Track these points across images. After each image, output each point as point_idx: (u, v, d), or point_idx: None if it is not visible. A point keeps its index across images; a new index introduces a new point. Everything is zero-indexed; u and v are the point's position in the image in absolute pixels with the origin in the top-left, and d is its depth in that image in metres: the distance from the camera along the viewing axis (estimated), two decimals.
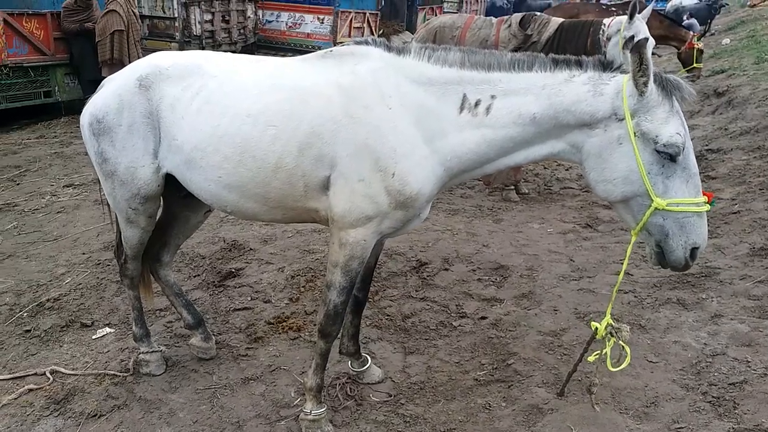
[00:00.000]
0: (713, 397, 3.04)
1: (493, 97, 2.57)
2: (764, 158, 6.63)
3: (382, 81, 2.64)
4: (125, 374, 3.57)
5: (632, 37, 2.72)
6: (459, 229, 5.79)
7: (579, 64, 2.53)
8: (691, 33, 8.52)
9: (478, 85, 2.59)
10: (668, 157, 2.35)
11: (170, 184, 3.10)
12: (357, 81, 2.66)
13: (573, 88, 2.48)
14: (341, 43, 14.26)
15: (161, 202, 3.30)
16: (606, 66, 2.50)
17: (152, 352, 3.60)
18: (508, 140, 2.59)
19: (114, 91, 2.98)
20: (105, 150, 3.00)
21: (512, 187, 7.09)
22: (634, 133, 2.38)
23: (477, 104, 2.58)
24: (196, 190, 2.95)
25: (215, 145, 2.75)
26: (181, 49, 12.07)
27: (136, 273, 3.50)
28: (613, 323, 2.73)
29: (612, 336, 2.71)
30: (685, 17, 18.11)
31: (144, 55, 9.87)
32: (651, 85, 2.34)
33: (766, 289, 3.96)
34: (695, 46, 8.39)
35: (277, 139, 2.67)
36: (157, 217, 3.36)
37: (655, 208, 2.38)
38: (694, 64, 8.52)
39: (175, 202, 3.42)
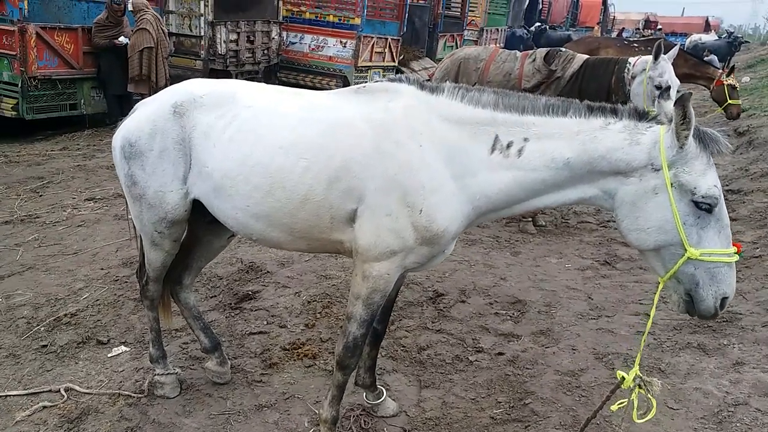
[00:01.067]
0: None
1: (525, 139, 2.58)
2: None
3: (414, 118, 2.67)
4: (140, 395, 3.56)
5: (673, 90, 2.74)
6: (476, 261, 5.78)
7: (614, 112, 2.54)
8: (719, 70, 8.45)
9: (511, 127, 2.61)
10: (706, 208, 2.35)
11: (196, 209, 3.12)
12: (389, 117, 2.69)
13: (608, 135, 2.49)
14: (363, 67, 14.49)
15: (186, 227, 3.33)
16: (641, 116, 2.51)
17: (167, 374, 3.60)
18: (539, 183, 2.60)
19: (148, 116, 3.03)
20: (135, 173, 3.04)
21: (529, 219, 7.07)
22: (671, 184, 2.38)
23: (509, 146, 2.59)
24: (222, 217, 2.98)
25: (246, 174, 2.78)
26: (205, 66, 12.27)
27: (157, 295, 3.51)
28: (642, 375, 2.70)
29: (640, 388, 2.67)
30: (704, 54, 18.15)
31: (170, 72, 10.10)
32: (690, 137, 2.35)
33: None
34: (724, 82, 8.30)
35: (307, 171, 2.70)
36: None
37: (688, 258, 2.38)
38: (729, 101, 8.37)
39: (199, 227, 3.44)
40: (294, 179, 2.71)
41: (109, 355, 4.06)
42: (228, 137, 2.84)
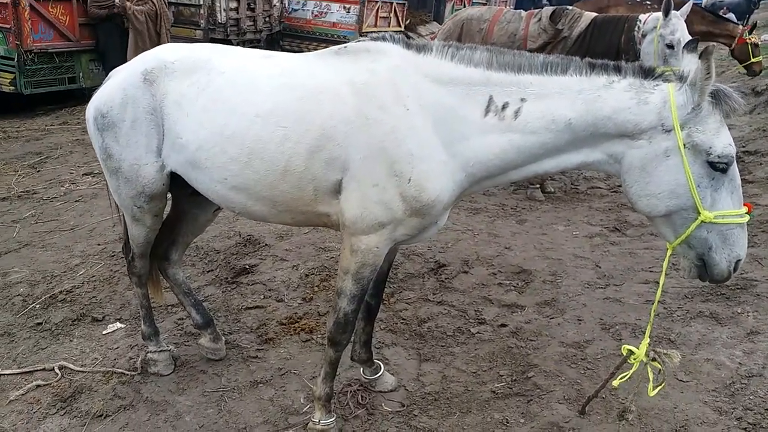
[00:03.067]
0: (749, 423, 2.83)
1: (522, 100, 2.40)
2: None
3: (399, 80, 2.49)
4: (133, 373, 3.51)
5: (696, 41, 2.56)
6: (480, 230, 5.62)
7: (618, 70, 2.35)
8: (740, 27, 8.05)
9: (506, 87, 2.42)
10: (722, 168, 2.20)
11: (177, 182, 2.99)
12: (373, 79, 2.51)
13: (613, 94, 2.31)
14: (367, 33, 14.17)
15: (168, 200, 3.20)
16: (647, 73, 2.32)
17: (161, 351, 3.53)
18: (538, 146, 2.42)
19: (119, 84, 2.87)
20: (109, 146, 2.90)
21: (537, 185, 6.87)
22: (684, 145, 2.20)
23: (505, 107, 2.41)
24: (202, 190, 2.84)
25: (222, 145, 2.62)
26: (205, 36, 12.02)
27: (144, 271, 3.41)
28: (658, 349, 2.57)
29: (655, 361, 2.53)
30: (721, 12, 17.51)
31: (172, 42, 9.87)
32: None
33: None
34: (748, 40, 7.93)
35: (286, 141, 2.54)
36: (165, 216, 3.26)
37: (702, 221, 2.23)
38: (752, 59, 8.03)
39: (183, 200, 3.32)
40: (272, 149, 2.55)
41: (104, 332, 3.99)
42: (202, 106, 2.68)
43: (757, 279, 4.16)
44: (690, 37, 5.78)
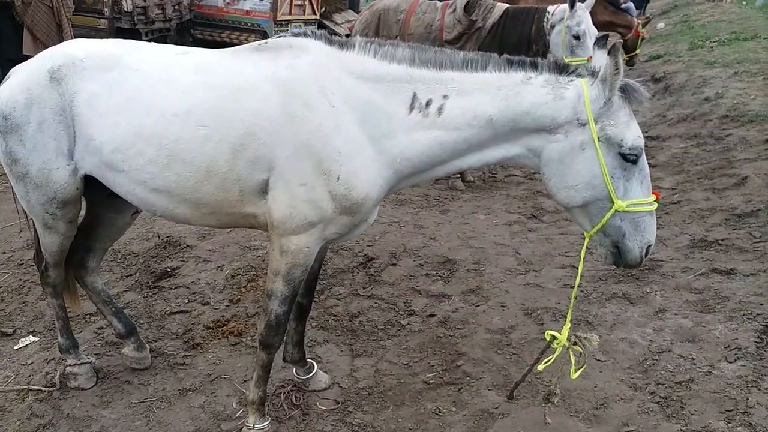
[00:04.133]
0: (661, 397, 3.05)
1: (445, 96, 2.44)
2: (701, 146, 6.80)
3: (323, 76, 2.47)
4: (51, 389, 3.33)
5: (605, 36, 2.69)
6: (406, 221, 5.69)
7: (534, 66, 2.44)
8: (636, 20, 8.56)
9: (429, 84, 2.46)
10: (632, 159, 2.33)
11: (92, 184, 2.83)
12: (296, 76, 2.47)
13: (531, 90, 2.40)
14: (282, 21, 13.87)
15: (82, 205, 3.03)
16: (562, 69, 2.42)
17: (81, 364, 3.36)
18: (461, 142, 2.48)
19: (22, 83, 2.67)
20: (14, 150, 2.71)
21: (458, 176, 7.03)
22: (598, 138, 2.31)
23: (428, 104, 2.45)
24: (121, 193, 2.72)
25: (139, 147, 2.51)
26: (110, 25, 11.37)
27: (59, 281, 3.22)
28: (579, 334, 2.71)
29: (575, 345, 2.67)
30: (621, 0, 18.43)
31: (72, 33, 9.19)
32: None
33: (706, 282, 4.03)
34: (640, 33, 8.45)
35: (208, 141, 2.46)
36: (80, 221, 3.09)
37: (616, 210, 2.35)
38: (636, 51, 8.59)
39: (98, 204, 3.15)
40: (193, 150, 2.47)
41: (15, 348, 3.76)
42: (116, 105, 2.55)
43: (662, 259, 4.46)
44: (594, 28, 6.09)
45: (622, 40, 8.95)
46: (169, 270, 4.60)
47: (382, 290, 4.44)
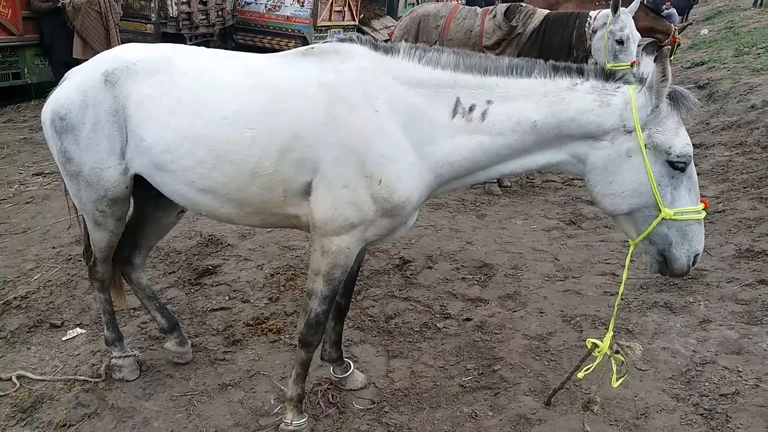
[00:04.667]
0: (705, 409, 2.98)
1: (489, 102, 2.45)
2: (746, 155, 6.63)
3: (368, 81, 2.50)
4: (97, 380, 3.42)
5: (654, 44, 2.65)
6: (442, 225, 5.69)
7: (580, 72, 2.43)
8: (674, 26, 8.43)
9: (473, 90, 2.47)
10: (681, 167, 2.30)
11: (140, 184, 2.92)
12: (341, 80, 2.51)
13: (577, 96, 2.39)
14: (322, 27, 14.04)
15: (131, 204, 3.13)
16: (608, 75, 2.41)
17: (125, 356, 3.45)
18: (504, 148, 2.48)
19: (77, 86, 2.78)
20: (69, 149, 2.81)
21: (495, 180, 7.00)
22: (645, 145, 2.29)
23: (471, 109, 2.46)
24: (168, 193, 2.79)
25: (188, 148, 2.59)
26: (156, 30, 11.70)
27: (107, 276, 3.32)
28: (621, 342, 2.69)
29: (619, 354, 2.65)
30: (664, 7, 18.09)
31: (120, 37, 9.48)
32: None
33: (753, 293, 3.92)
34: (677, 39, 8.32)
35: (255, 143, 2.52)
36: (127, 219, 3.19)
37: (662, 218, 2.32)
38: (671, 57, 8.47)
39: (146, 203, 3.25)
40: (241, 151, 2.53)
41: (63, 339, 3.88)
42: (166, 107, 2.63)
43: (706, 269, 4.36)
44: (638, 33, 6.01)
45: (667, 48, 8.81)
46: (210, 268, 4.70)
47: (418, 293, 4.45)
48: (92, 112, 2.74)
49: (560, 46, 6.37)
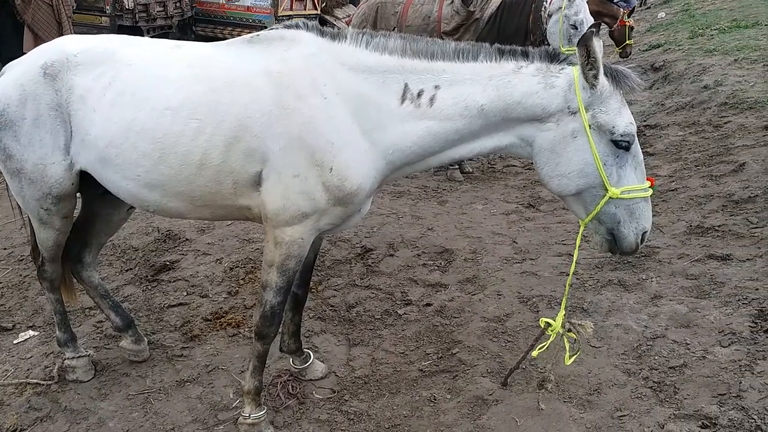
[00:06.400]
0: (654, 382, 3.06)
1: (437, 87, 2.45)
2: (699, 134, 6.78)
3: (315, 68, 2.48)
4: (49, 382, 3.36)
5: (597, 25, 2.66)
6: (404, 213, 5.70)
7: (525, 55, 2.45)
8: (622, 10, 8.53)
9: (420, 75, 2.47)
10: (624, 146, 2.33)
11: (87, 180, 2.86)
12: (288, 68, 2.49)
13: (522, 79, 2.41)
14: (283, 17, 13.85)
15: (77, 201, 3.05)
16: (553, 57, 2.43)
17: (79, 357, 3.39)
18: (453, 132, 2.49)
19: (15, 80, 2.70)
20: (8, 146, 2.73)
21: (456, 166, 7.04)
22: (589, 126, 2.32)
23: (420, 95, 2.46)
24: (113, 189, 2.73)
25: (132, 140, 2.53)
26: (112, 23, 11.40)
27: (56, 275, 3.25)
28: (573, 321, 2.74)
29: (571, 332, 2.70)
30: None
31: (73, 31, 9.19)
32: (602, 76, 2.31)
33: (702, 269, 4.03)
34: (627, 23, 8.43)
35: (200, 134, 2.48)
36: (75, 217, 3.12)
37: (610, 197, 2.36)
38: (627, 41, 8.59)
39: (93, 199, 3.18)
40: (186, 143, 2.49)
41: (15, 342, 3.79)
42: (109, 100, 2.57)
43: (659, 246, 4.46)
44: (591, 18, 6.07)
45: (611, 31, 8.95)
46: (168, 263, 4.63)
47: (380, 281, 4.46)
48: (32, 107, 2.66)
49: (517, 31, 6.40)
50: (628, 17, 8.40)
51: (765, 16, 12.17)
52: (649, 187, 2.44)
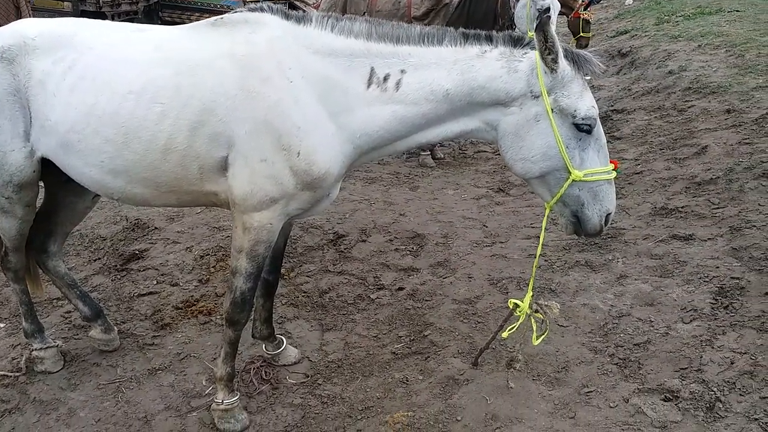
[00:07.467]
0: (620, 358, 3.15)
1: (403, 71, 2.46)
2: (664, 118, 6.91)
3: (280, 51, 2.46)
4: (17, 374, 3.31)
5: (554, 14, 2.70)
6: (376, 199, 5.72)
7: (489, 39, 2.47)
8: (579, 1, 8.62)
9: (386, 59, 2.47)
10: (586, 129, 2.37)
11: (50, 168, 2.80)
12: (253, 51, 2.47)
13: (486, 64, 2.42)
14: (252, 2, 13.62)
15: (40, 189, 2.99)
16: (516, 42, 2.45)
17: (47, 348, 3.34)
18: (419, 117, 2.50)
19: None
20: None
21: (428, 152, 7.07)
22: (552, 110, 2.35)
23: (386, 78, 2.46)
24: (76, 176, 2.69)
25: (94, 126, 2.49)
26: (74, 8, 11.11)
27: (20, 266, 3.19)
28: (540, 301, 2.79)
29: (539, 313, 2.75)
30: None
31: (33, 16, 8.96)
32: (562, 60, 2.34)
33: (666, 248, 4.14)
34: (581, 15, 8.52)
35: (164, 118, 2.45)
36: (38, 205, 3.06)
37: (573, 180, 2.40)
38: (581, 33, 8.70)
39: (57, 187, 3.12)
40: (150, 128, 2.46)
41: None
42: (69, 85, 2.52)
43: (625, 228, 4.57)
44: (558, 3, 6.15)
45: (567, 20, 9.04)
46: (137, 252, 4.58)
47: (352, 266, 4.47)
48: None
49: (485, 15, 6.43)
50: (584, 10, 8.49)
51: (728, 2, 12.44)
52: (613, 169, 2.48)
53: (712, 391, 2.79)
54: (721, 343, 3.09)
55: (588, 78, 2.49)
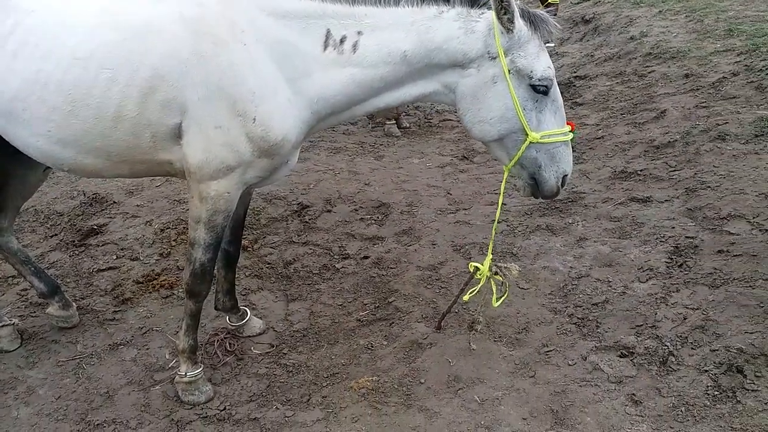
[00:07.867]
0: (578, 318, 3.22)
1: (359, 33, 2.41)
2: (625, 83, 6.99)
3: (233, 13, 2.39)
4: None
5: None
6: (341, 168, 5.68)
7: (446, 0, 2.42)
8: None
9: (342, 20, 2.41)
10: (543, 90, 2.37)
11: None
12: (204, 13, 2.39)
13: (443, 24, 2.39)
14: None
15: None
16: (473, 2, 2.41)
17: (2, 326, 3.28)
18: (377, 80, 2.46)
19: None
20: None
21: (393, 121, 7.03)
22: (509, 71, 2.34)
23: (342, 41, 2.41)
24: (22, 147, 2.59)
25: (39, 93, 2.39)
26: None
27: None
28: (498, 264, 2.82)
29: (497, 275, 2.78)
30: None
31: None
32: (519, 21, 2.32)
33: (624, 211, 4.22)
34: None
35: (113, 84, 2.37)
36: None
37: (530, 142, 2.40)
38: (549, 0, 8.74)
39: (6, 160, 3.00)
40: (99, 95, 2.38)
41: None
42: (11, 51, 2.41)
43: (585, 191, 4.64)
44: None
45: None
46: (96, 227, 4.47)
47: (317, 236, 4.45)
48: None
49: None
50: None
51: None
52: (570, 131, 2.50)
53: (666, 346, 2.88)
54: (675, 300, 3.18)
55: (551, 45, 2.49)
